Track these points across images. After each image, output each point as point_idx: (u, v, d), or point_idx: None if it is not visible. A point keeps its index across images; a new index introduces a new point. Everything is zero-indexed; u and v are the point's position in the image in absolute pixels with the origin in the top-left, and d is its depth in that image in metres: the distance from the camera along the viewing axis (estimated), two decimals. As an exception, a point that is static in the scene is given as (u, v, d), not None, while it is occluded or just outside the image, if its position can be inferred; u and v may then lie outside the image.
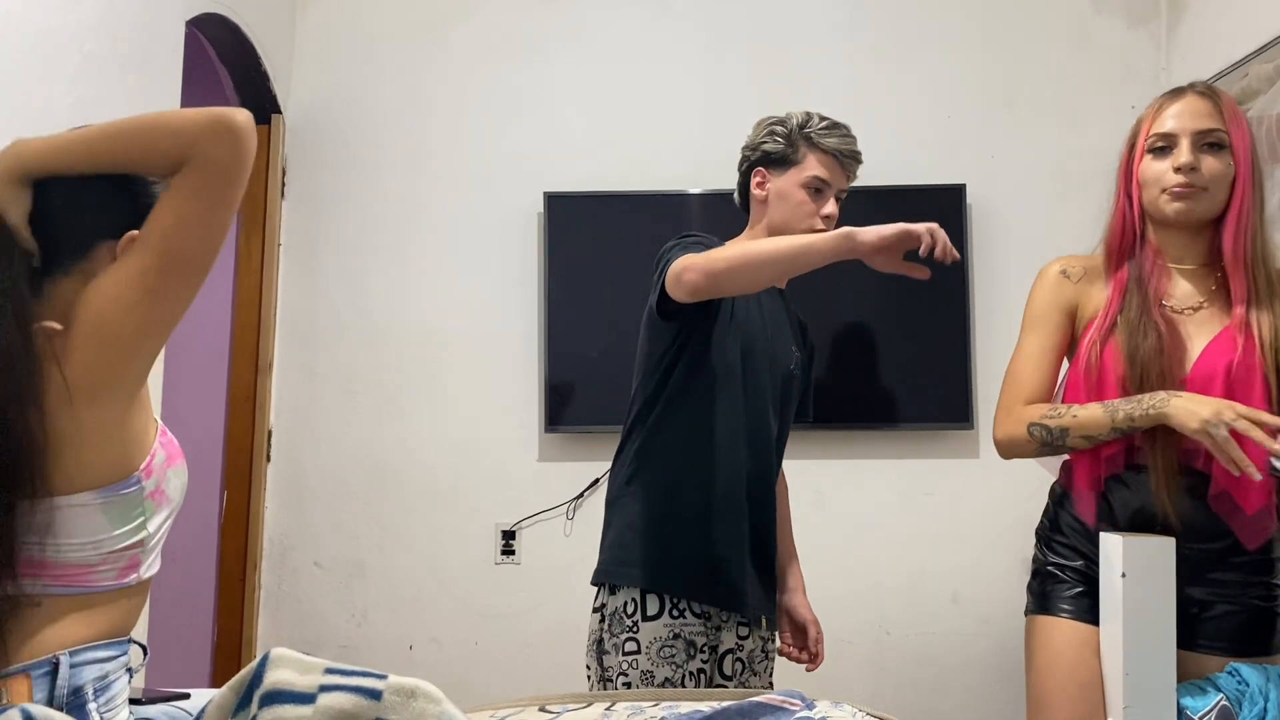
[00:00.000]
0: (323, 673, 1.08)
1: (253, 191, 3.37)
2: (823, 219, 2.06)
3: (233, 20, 3.03)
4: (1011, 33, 3.40)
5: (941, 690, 3.22)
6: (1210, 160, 1.69)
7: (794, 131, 2.06)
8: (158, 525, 1.30)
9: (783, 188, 2.07)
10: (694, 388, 2.00)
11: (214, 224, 1.29)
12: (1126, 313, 1.72)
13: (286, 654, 1.10)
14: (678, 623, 1.91)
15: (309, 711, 1.04)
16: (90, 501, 1.22)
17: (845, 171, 2.09)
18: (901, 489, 3.29)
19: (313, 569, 3.34)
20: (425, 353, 3.38)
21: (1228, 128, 1.69)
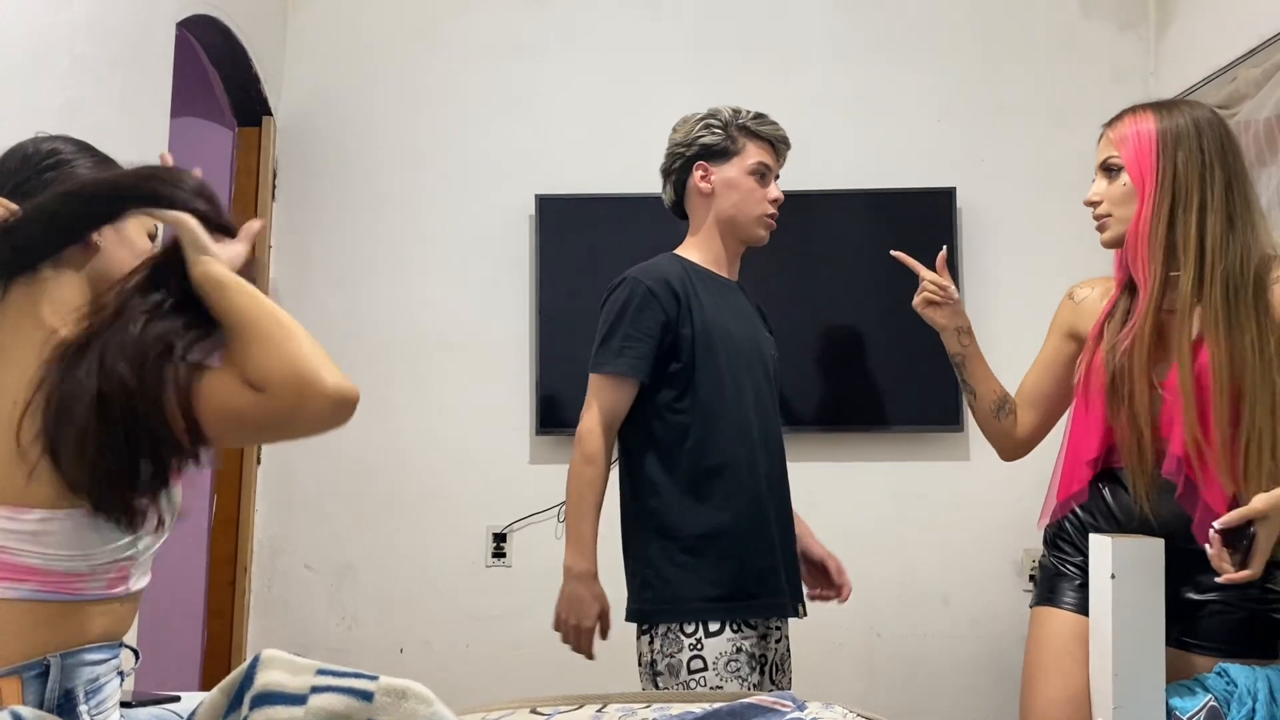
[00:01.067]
0: (314, 674, 1.08)
1: (243, 194, 3.36)
2: (771, 203, 2.12)
3: (223, 22, 3.02)
4: (1001, 37, 3.42)
5: (932, 691, 3.23)
6: (1104, 185, 1.80)
7: (730, 123, 2.11)
8: (149, 543, 1.30)
9: (730, 177, 2.10)
10: (694, 412, 2.02)
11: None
12: (1112, 321, 1.80)
13: (277, 655, 1.10)
14: (739, 636, 1.93)
15: (300, 713, 1.04)
16: (81, 517, 1.22)
17: (780, 157, 2.16)
18: (892, 491, 3.30)
19: (303, 572, 3.33)
20: (417, 355, 3.38)
21: (1118, 150, 1.78)
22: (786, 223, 3.33)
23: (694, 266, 2.10)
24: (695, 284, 2.06)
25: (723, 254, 2.14)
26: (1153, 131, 1.74)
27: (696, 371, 2.01)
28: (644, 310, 2.00)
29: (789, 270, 3.27)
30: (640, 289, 2.01)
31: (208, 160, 3.39)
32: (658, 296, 2.00)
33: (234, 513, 3.28)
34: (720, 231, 2.13)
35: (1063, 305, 1.97)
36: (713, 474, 1.99)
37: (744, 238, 2.14)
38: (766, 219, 2.12)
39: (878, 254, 3.32)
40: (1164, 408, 1.70)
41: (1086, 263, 2.35)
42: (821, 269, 3.30)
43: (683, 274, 2.06)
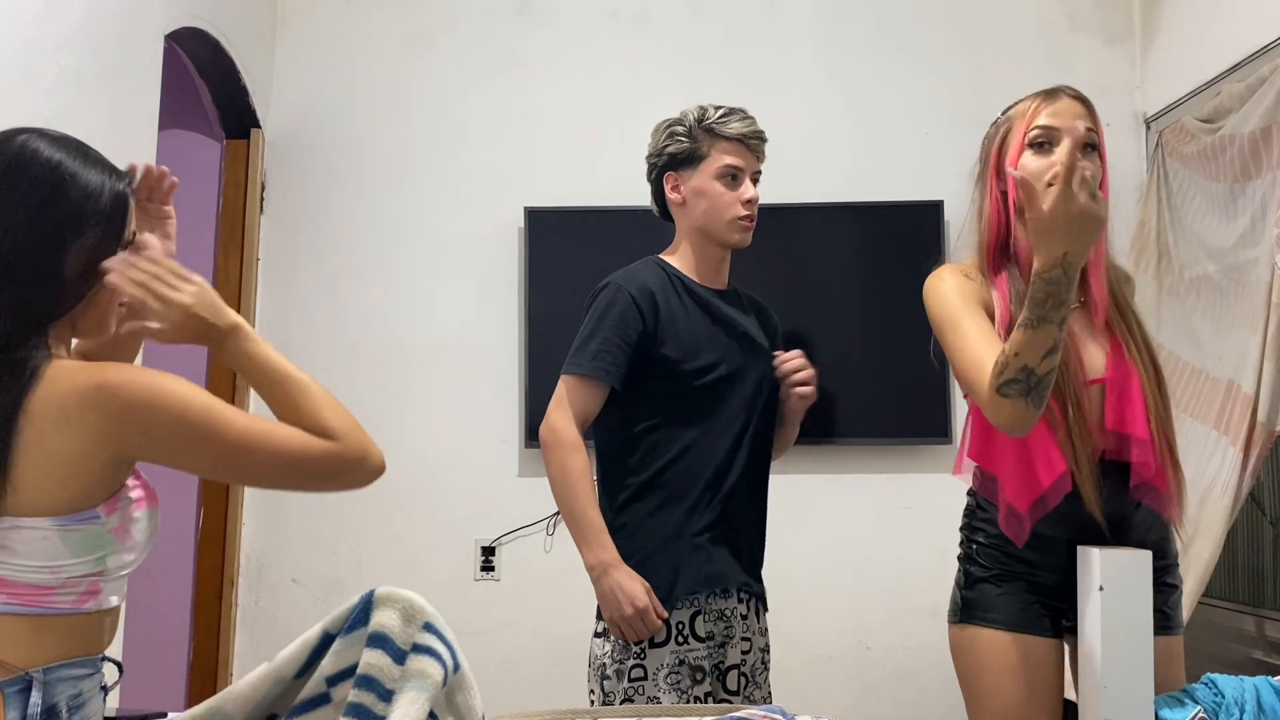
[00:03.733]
0: (421, 628, 1.20)
1: (231, 206, 3.35)
2: (744, 204, 2.04)
3: (212, 34, 3.02)
4: (989, 50, 3.43)
5: (922, 704, 3.22)
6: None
7: (694, 127, 2.05)
8: (120, 563, 1.28)
9: (697, 185, 2.05)
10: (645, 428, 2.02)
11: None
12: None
13: (393, 593, 1.22)
14: (683, 649, 1.92)
15: (398, 672, 1.14)
16: (46, 526, 1.21)
17: (754, 153, 2.08)
18: (880, 503, 3.30)
19: (290, 586, 3.31)
20: (405, 368, 3.37)
21: (1098, 130, 1.69)
22: (776, 236, 3.37)
23: (676, 274, 2.09)
24: (675, 295, 2.05)
25: (705, 261, 2.11)
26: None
27: (656, 386, 2.01)
28: (626, 318, 1.99)
29: (777, 283, 3.27)
30: (624, 296, 2.01)
31: (195, 173, 3.39)
32: (639, 306, 2.00)
33: (220, 526, 3.26)
34: (698, 240, 2.10)
35: (959, 281, 1.76)
36: (648, 491, 2.00)
37: (721, 243, 2.10)
38: (739, 222, 2.06)
39: (866, 267, 3.35)
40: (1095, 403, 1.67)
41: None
42: (810, 282, 3.31)
43: (664, 283, 2.05)
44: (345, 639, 1.13)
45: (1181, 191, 3.10)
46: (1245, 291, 2.71)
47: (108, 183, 1.31)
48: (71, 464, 1.21)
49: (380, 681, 1.10)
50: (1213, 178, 2.92)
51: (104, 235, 1.30)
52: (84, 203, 1.28)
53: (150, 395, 1.23)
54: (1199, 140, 2.98)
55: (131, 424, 1.23)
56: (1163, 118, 3.26)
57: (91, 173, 1.30)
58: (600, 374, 1.98)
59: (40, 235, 1.26)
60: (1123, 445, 1.65)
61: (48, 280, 1.26)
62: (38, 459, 1.20)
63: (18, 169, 1.27)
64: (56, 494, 1.21)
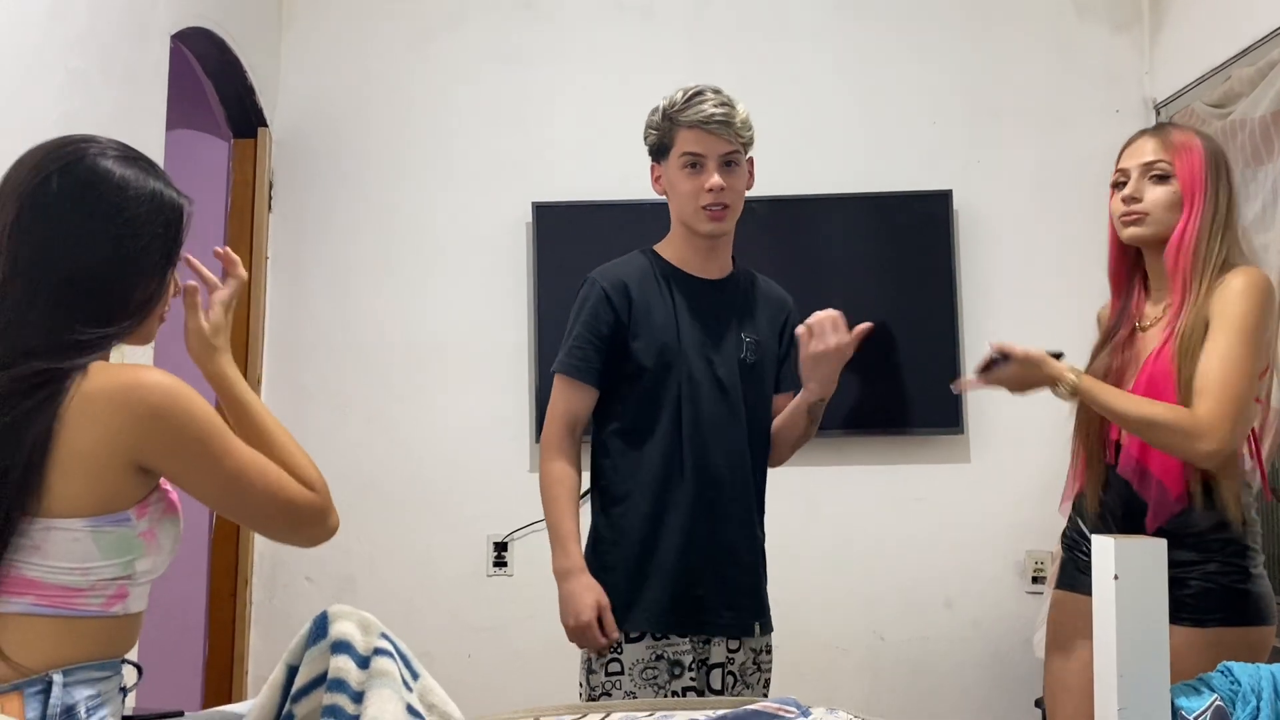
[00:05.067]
0: (379, 636, 1.20)
1: (239, 205, 3.36)
2: (706, 192, 1.95)
3: (218, 34, 3.02)
4: (996, 39, 3.42)
5: (936, 695, 3.22)
6: (1153, 189, 1.87)
7: (662, 117, 2.01)
8: (147, 567, 1.30)
9: (669, 176, 2.02)
10: (621, 428, 2.00)
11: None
12: (1102, 339, 1.98)
13: (345, 609, 1.21)
14: (660, 644, 1.91)
15: (363, 676, 1.16)
16: (79, 528, 1.22)
17: (718, 135, 1.95)
18: (893, 495, 3.29)
19: (304, 584, 3.32)
20: (415, 365, 3.37)
21: (1171, 159, 1.87)
22: (784, 227, 3.36)
23: (663, 265, 2.05)
24: (656, 285, 2.01)
25: (694, 250, 2.05)
26: (1202, 150, 1.87)
27: (632, 385, 1.98)
28: (596, 313, 1.97)
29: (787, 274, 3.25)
30: (596, 290, 1.99)
31: (203, 172, 3.40)
32: (611, 300, 1.97)
33: (234, 525, 3.27)
34: (681, 230, 2.05)
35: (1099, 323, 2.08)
36: (620, 492, 1.98)
37: (694, 233, 2.02)
38: (705, 211, 1.97)
39: (876, 257, 3.34)
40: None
41: (1082, 263, 2.35)
42: (820, 273, 3.30)
43: (645, 275, 2.02)
44: (310, 653, 1.15)
45: (1192, 177, 3.08)
46: (1257, 277, 2.69)
47: (171, 199, 1.34)
48: (98, 464, 1.23)
49: (349, 684, 1.13)
50: (1223, 163, 2.91)
51: (168, 252, 1.33)
52: (152, 226, 1.31)
53: (176, 403, 1.26)
54: (1209, 125, 2.96)
55: (154, 428, 1.24)
56: (1172, 104, 3.24)
57: (157, 191, 1.32)
58: (571, 370, 1.97)
59: (112, 264, 1.28)
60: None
61: (119, 307, 1.29)
62: (67, 458, 1.21)
63: (86, 193, 1.28)
64: (87, 495, 1.23)
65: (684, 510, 1.94)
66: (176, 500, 1.36)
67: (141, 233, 1.30)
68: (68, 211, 1.27)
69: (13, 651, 1.20)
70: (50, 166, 1.28)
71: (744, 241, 3.44)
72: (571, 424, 1.99)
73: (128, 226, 1.29)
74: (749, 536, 2.03)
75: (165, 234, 1.32)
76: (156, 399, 1.24)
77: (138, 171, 1.32)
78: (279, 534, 1.40)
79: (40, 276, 1.25)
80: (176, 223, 1.34)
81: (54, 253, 1.26)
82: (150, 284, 1.32)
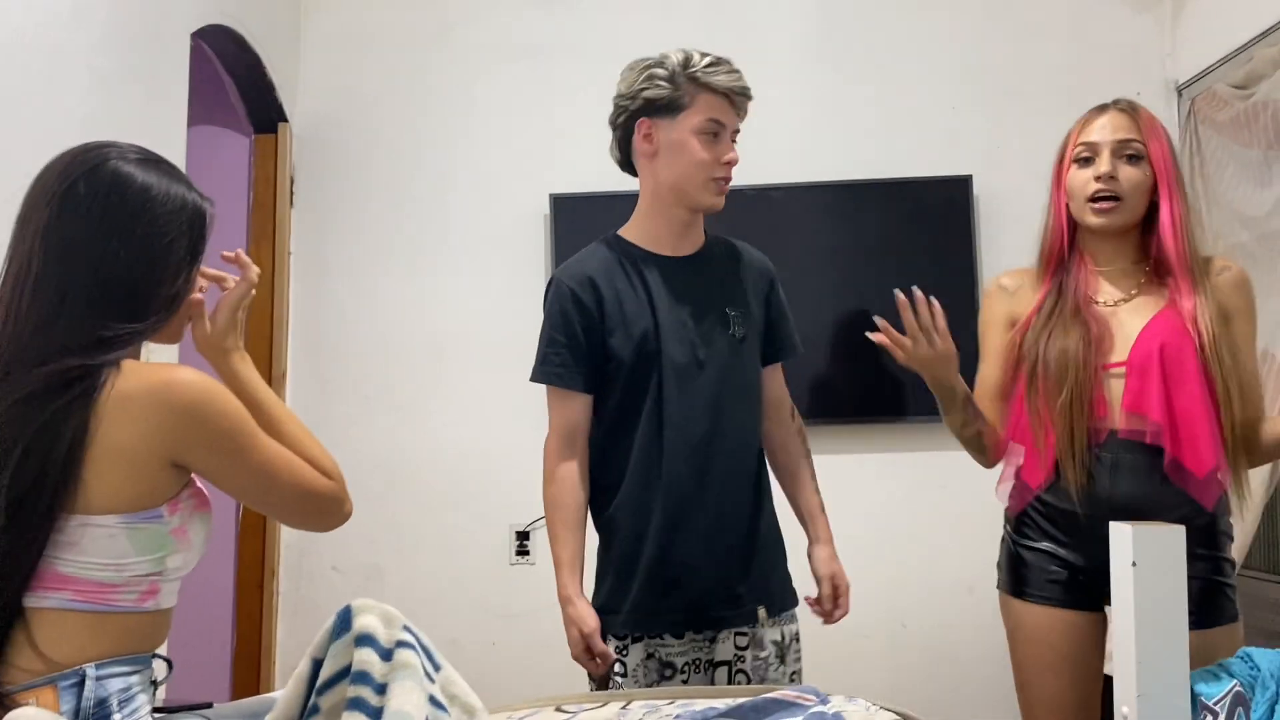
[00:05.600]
0: (401, 628, 1.21)
1: (261, 201, 3.39)
2: (724, 165, 1.87)
3: (237, 31, 3.05)
4: (1016, 21, 3.40)
5: (960, 681, 3.22)
6: (1128, 170, 1.82)
7: (677, 73, 1.85)
8: (178, 564, 1.33)
9: (675, 139, 1.86)
10: (603, 424, 1.92)
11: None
12: (1041, 315, 1.88)
13: (369, 603, 1.22)
14: (654, 642, 1.86)
15: (387, 668, 1.17)
16: (114, 524, 1.25)
17: (737, 111, 1.89)
18: (913, 481, 3.29)
19: (330, 573, 3.36)
20: (437, 356, 3.40)
21: (1145, 139, 1.82)
22: (805, 215, 3.36)
23: (630, 250, 1.93)
24: (625, 275, 1.90)
25: (670, 225, 1.93)
26: (1165, 132, 1.85)
27: (613, 381, 1.89)
28: (566, 314, 1.88)
29: (807, 262, 3.27)
30: (562, 290, 1.90)
31: (225, 168, 3.43)
32: (580, 298, 1.88)
33: (260, 516, 3.31)
34: (667, 198, 1.91)
35: (996, 296, 2.00)
36: (609, 491, 1.91)
37: (692, 205, 1.91)
38: (717, 183, 1.88)
39: (897, 244, 3.33)
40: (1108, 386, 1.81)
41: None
42: (841, 261, 3.29)
43: (611, 265, 1.91)
44: (334, 647, 1.18)
45: (1215, 160, 3.05)
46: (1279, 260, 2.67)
47: (193, 201, 1.37)
48: (134, 461, 1.26)
49: (373, 676, 1.15)
50: (1246, 145, 2.88)
51: (191, 254, 1.37)
52: (175, 226, 1.34)
53: (211, 400, 1.29)
54: (1232, 107, 2.94)
55: (190, 424, 1.27)
56: (1194, 85, 3.21)
57: (179, 193, 1.36)
58: (553, 378, 1.89)
59: (139, 263, 1.31)
60: (1144, 426, 1.78)
61: (146, 305, 1.32)
62: (103, 455, 1.24)
63: (111, 195, 1.31)
64: (123, 492, 1.26)
65: (670, 505, 1.85)
66: (208, 497, 1.38)
67: (166, 232, 1.33)
68: (95, 214, 1.30)
69: (47, 646, 1.24)
70: (76, 172, 1.31)
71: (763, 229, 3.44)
72: (568, 435, 1.90)
73: (152, 226, 1.32)
74: (750, 518, 1.93)
75: (189, 233, 1.36)
76: (192, 396, 1.28)
77: (159, 175, 1.35)
78: (301, 521, 1.44)
79: (71, 277, 1.28)
80: (199, 222, 1.37)
81: (83, 253, 1.29)
82: (176, 281, 1.35)
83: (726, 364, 1.91)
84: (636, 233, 1.96)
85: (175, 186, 1.35)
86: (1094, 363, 1.80)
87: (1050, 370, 1.82)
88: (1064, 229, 1.90)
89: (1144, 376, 1.76)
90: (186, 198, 1.36)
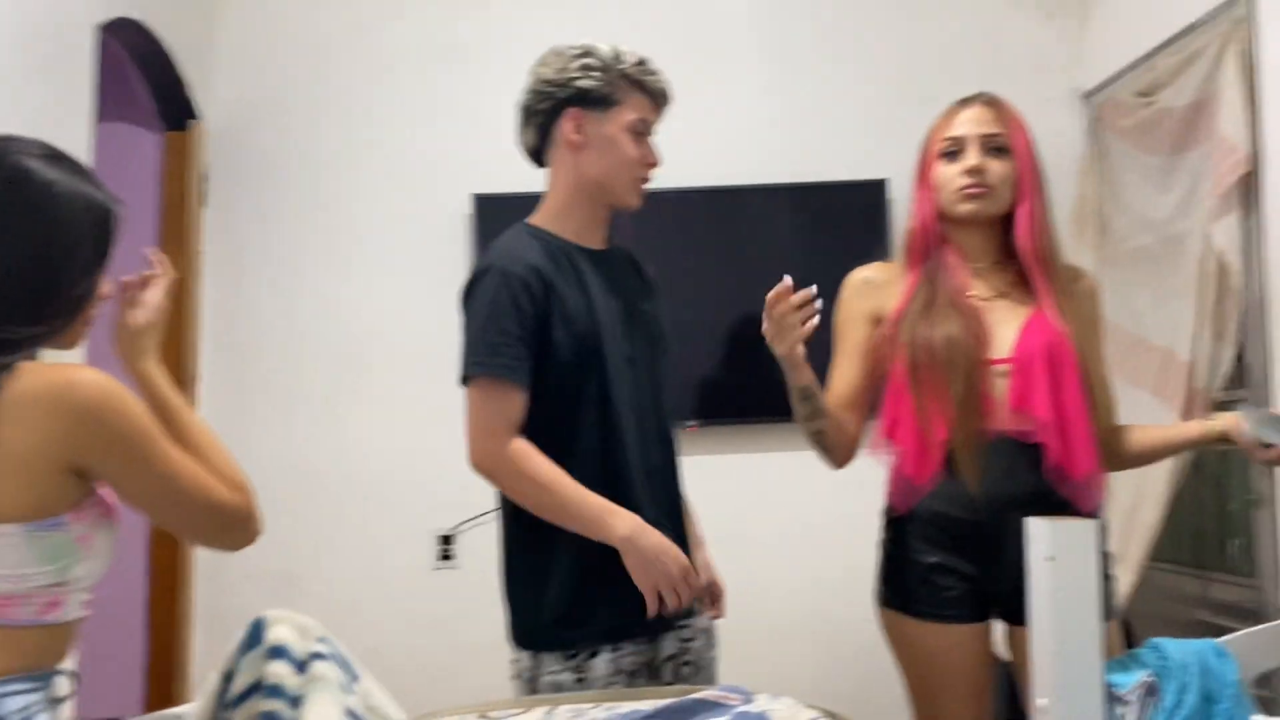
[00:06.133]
0: (316, 640, 1.18)
1: (172, 200, 3.30)
2: (648, 166, 1.85)
3: (146, 25, 2.96)
4: (928, 28, 3.47)
5: (882, 677, 3.24)
6: (994, 163, 1.82)
7: (611, 67, 1.82)
8: (83, 573, 1.28)
9: (608, 133, 1.81)
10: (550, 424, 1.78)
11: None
12: (915, 304, 1.85)
13: (283, 614, 1.19)
14: (618, 655, 1.77)
15: (301, 681, 1.14)
16: (13, 533, 1.20)
17: (662, 111, 1.90)
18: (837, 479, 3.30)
19: (246, 581, 3.28)
20: (356, 359, 3.34)
21: (1009, 132, 1.84)
22: (721, 218, 3.38)
23: (556, 242, 1.84)
24: (560, 269, 1.80)
25: (591, 218, 1.87)
26: (1028, 126, 1.88)
27: (547, 382, 1.77)
28: (519, 304, 1.74)
29: (720, 265, 3.30)
30: (512, 280, 1.75)
31: (134, 167, 3.33)
32: (531, 288, 1.75)
33: (173, 524, 3.22)
34: (589, 192, 1.85)
35: (859, 290, 1.95)
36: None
37: (614, 201, 1.86)
38: (641, 183, 1.86)
39: (812, 247, 3.37)
40: (992, 383, 1.79)
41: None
42: (756, 264, 3.31)
43: (549, 256, 1.80)
44: (245, 660, 1.14)
45: (1119, 165, 3.15)
46: (1181, 262, 2.77)
47: (101, 201, 1.31)
48: (32, 466, 1.21)
49: (286, 689, 1.11)
50: (1149, 151, 2.98)
51: (98, 256, 1.31)
52: (80, 226, 1.28)
53: (111, 402, 1.24)
54: (1135, 114, 3.03)
55: (89, 426, 1.22)
56: (1100, 92, 3.31)
57: (86, 192, 1.30)
58: (504, 371, 1.74)
59: (40, 263, 1.26)
60: (1029, 425, 1.77)
61: (47, 308, 1.27)
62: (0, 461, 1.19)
63: (12, 188, 1.26)
64: (22, 498, 1.21)
65: (628, 504, 1.77)
66: (114, 504, 1.33)
67: (70, 232, 1.27)
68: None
69: None
70: None
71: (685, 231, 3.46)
72: (512, 431, 1.76)
73: (55, 226, 1.27)
74: (680, 511, 1.92)
75: (95, 234, 1.30)
76: (91, 397, 1.22)
77: (64, 172, 1.29)
78: (206, 538, 1.39)
79: None
80: (106, 223, 1.32)
81: None
82: (80, 284, 1.29)
83: (651, 360, 1.90)
84: (557, 224, 1.87)
85: (82, 185, 1.29)
86: (980, 355, 1.79)
87: (937, 359, 1.78)
88: (930, 223, 1.88)
89: (1029, 375, 1.76)
90: (94, 197, 1.30)
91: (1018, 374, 1.78)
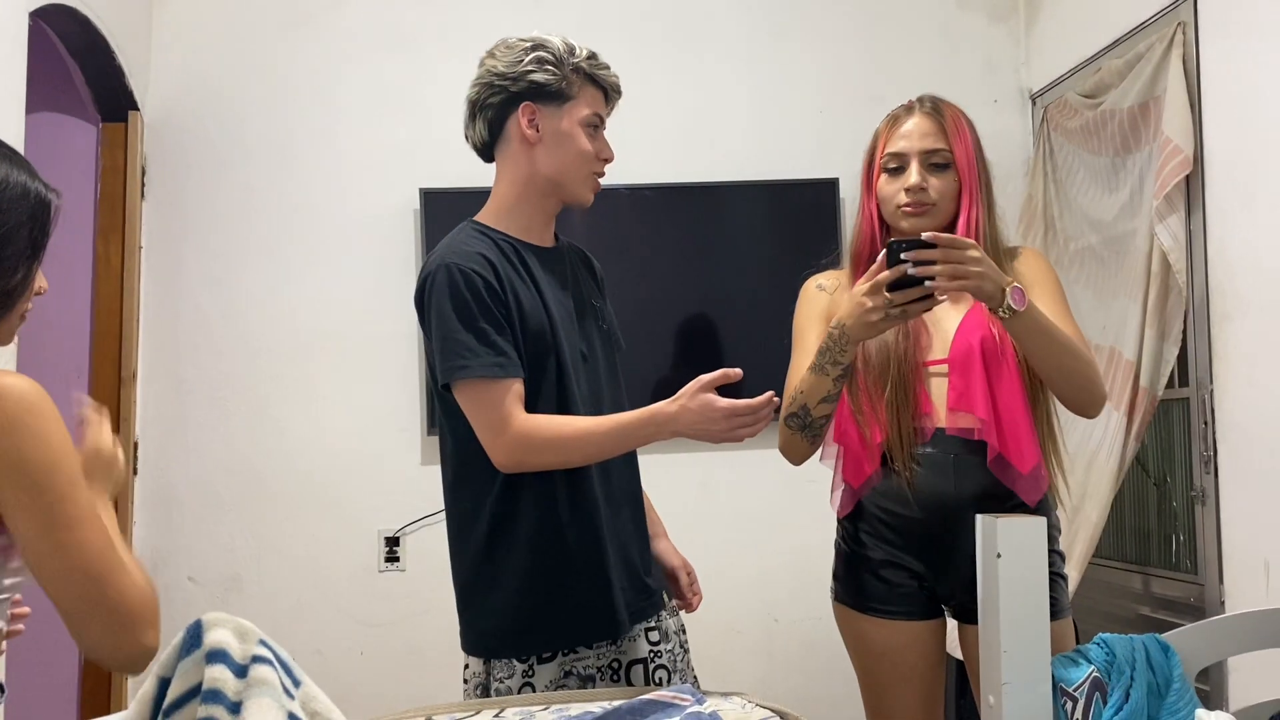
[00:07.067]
0: (257, 643, 1.11)
1: (109, 192, 3.21)
2: (602, 161, 1.84)
3: (81, 11, 2.87)
4: (879, 28, 3.48)
5: (830, 673, 3.27)
6: (935, 180, 1.84)
7: (565, 60, 1.79)
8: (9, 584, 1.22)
9: (564, 128, 1.78)
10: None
11: None
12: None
13: (222, 616, 1.11)
14: (569, 659, 1.73)
15: (241, 686, 1.08)
16: None
17: (611, 108, 1.88)
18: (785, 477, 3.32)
19: (187, 584, 3.21)
20: (300, 357, 3.28)
21: (951, 145, 1.85)
22: (676, 214, 3.37)
23: (506, 240, 1.79)
24: (512, 266, 1.75)
25: (541, 215, 1.84)
26: (970, 131, 1.88)
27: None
28: (482, 301, 1.69)
29: (679, 260, 3.29)
30: (475, 278, 1.69)
31: (70, 158, 3.24)
32: (495, 286, 1.71)
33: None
34: (541, 188, 1.81)
35: (813, 297, 1.97)
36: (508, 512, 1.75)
37: (567, 197, 1.83)
38: (595, 178, 1.84)
39: (765, 244, 3.38)
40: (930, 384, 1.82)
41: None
42: (711, 260, 3.32)
43: (500, 255, 1.75)
44: (183, 664, 1.09)
45: (1066, 165, 3.19)
46: (1126, 261, 2.80)
47: (36, 190, 1.25)
48: None
49: (225, 694, 1.07)
50: (1095, 151, 3.02)
51: (32, 248, 1.25)
52: (14, 216, 1.22)
53: (31, 417, 1.14)
54: (1082, 115, 3.07)
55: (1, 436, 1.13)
56: (1048, 93, 3.35)
57: (20, 181, 1.23)
58: (494, 371, 1.68)
59: None
60: (970, 423, 1.78)
61: None
62: None
63: None
64: None
65: (587, 504, 1.75)
66: None
67: (4, 222, 1.21)
68: None
69: None
70: None
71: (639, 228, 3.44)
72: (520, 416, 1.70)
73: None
74: (641, 509, 1.90)
75: (30, 225, 1.24)
76: (14, 406, 1.12)
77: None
78: (94, 629, 1.15)
79: None
80: (42, 213, 1.26)
81: None
82: (13, 277, 1.23)
83: (605, 357, 1.89)
84: (504, 222, 1.82)
85: (16, 174, 1.23)
86: (914, 358, 1.81)
87: (871, 365, 1.83)
88: (874, 231, 1.91)
89: (966, 374, 1.78)
90: (29, 186, 1.24)
91: (955, 374, 1.80)
